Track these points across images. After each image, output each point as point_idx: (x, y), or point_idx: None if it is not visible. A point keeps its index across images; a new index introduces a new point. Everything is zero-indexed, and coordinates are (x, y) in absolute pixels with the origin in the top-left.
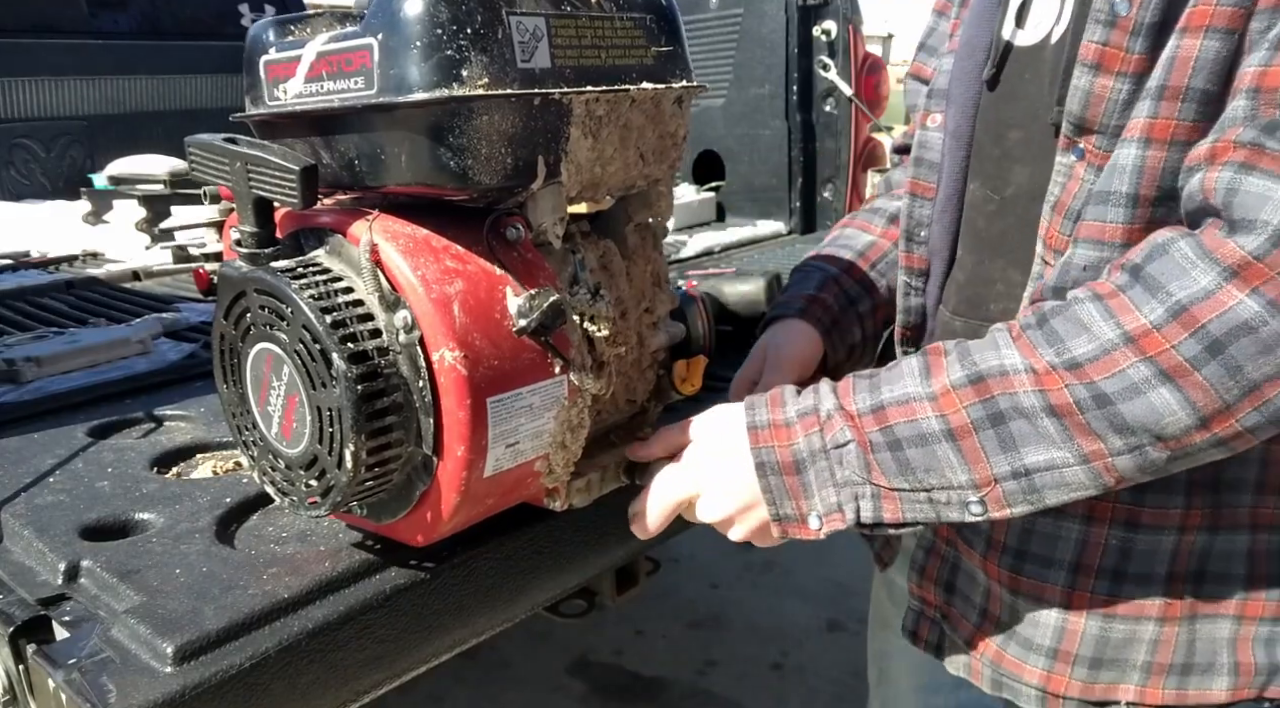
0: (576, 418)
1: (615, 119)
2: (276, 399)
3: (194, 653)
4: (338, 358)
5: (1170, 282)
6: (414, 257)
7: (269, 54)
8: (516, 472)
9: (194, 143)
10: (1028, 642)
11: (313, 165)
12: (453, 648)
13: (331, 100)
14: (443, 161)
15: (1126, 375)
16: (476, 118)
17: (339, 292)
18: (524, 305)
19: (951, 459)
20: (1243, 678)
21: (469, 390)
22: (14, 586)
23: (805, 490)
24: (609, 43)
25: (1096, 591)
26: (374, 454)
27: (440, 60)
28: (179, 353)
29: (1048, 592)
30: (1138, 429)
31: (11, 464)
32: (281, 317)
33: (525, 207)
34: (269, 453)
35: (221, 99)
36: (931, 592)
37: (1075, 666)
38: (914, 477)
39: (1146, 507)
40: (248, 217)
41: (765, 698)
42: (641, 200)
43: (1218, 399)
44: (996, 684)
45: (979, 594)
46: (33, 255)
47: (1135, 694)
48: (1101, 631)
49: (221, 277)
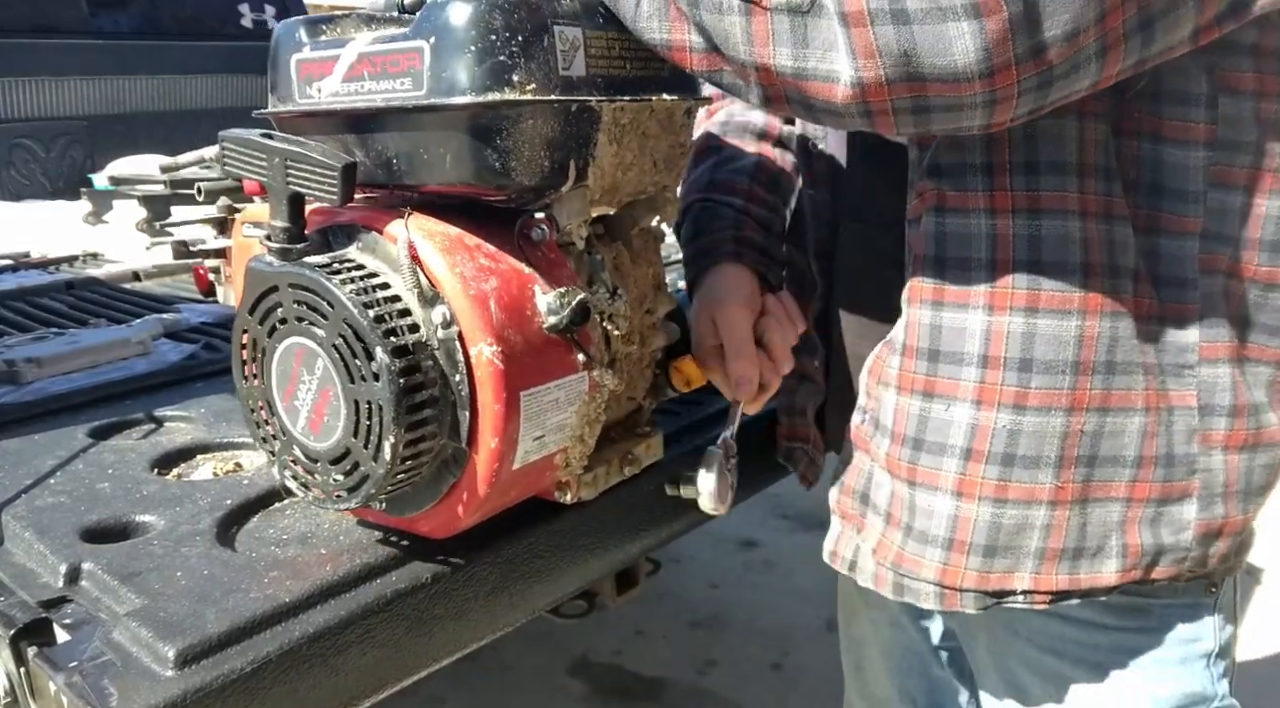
0: (595, 412)
1: (636, 128)
2: (306, 394)
3: (195, 656)
4: (380, 352)
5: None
6: (451, 255)
7: (302, 53)
8: (540, 464)
9: (228, 137)
10: (923, 535)
11: (353, 163)
12: (454, 651)
13: (374, 99)
14: (488, 162)
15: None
16: (523, 122)
17: (377, 288)
18: (554, 303)
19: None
20: (1130, 560)
21: (505, 384)
22: (15, 588)
23: None
24: (633, 55)
25: (987, 476)
26: (410, 447)
27: (493, 65)
28: (179, 354)
29: (941, 480)
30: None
31: (12, 466)
32: (319, 311)
33: (552, 208)
34: (292, 447)
35: (222, 99)
36: (849, 506)
37: (970, 555)
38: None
39: (1033, 389)
40: (281, 212)
41: (765, 698)
42: (648, 205)
43: None
44: (898, 588)
45: (884, 498)
46: (33, 255)
47: (1030, 582)
48: (994, 517)
49: (250, 272)
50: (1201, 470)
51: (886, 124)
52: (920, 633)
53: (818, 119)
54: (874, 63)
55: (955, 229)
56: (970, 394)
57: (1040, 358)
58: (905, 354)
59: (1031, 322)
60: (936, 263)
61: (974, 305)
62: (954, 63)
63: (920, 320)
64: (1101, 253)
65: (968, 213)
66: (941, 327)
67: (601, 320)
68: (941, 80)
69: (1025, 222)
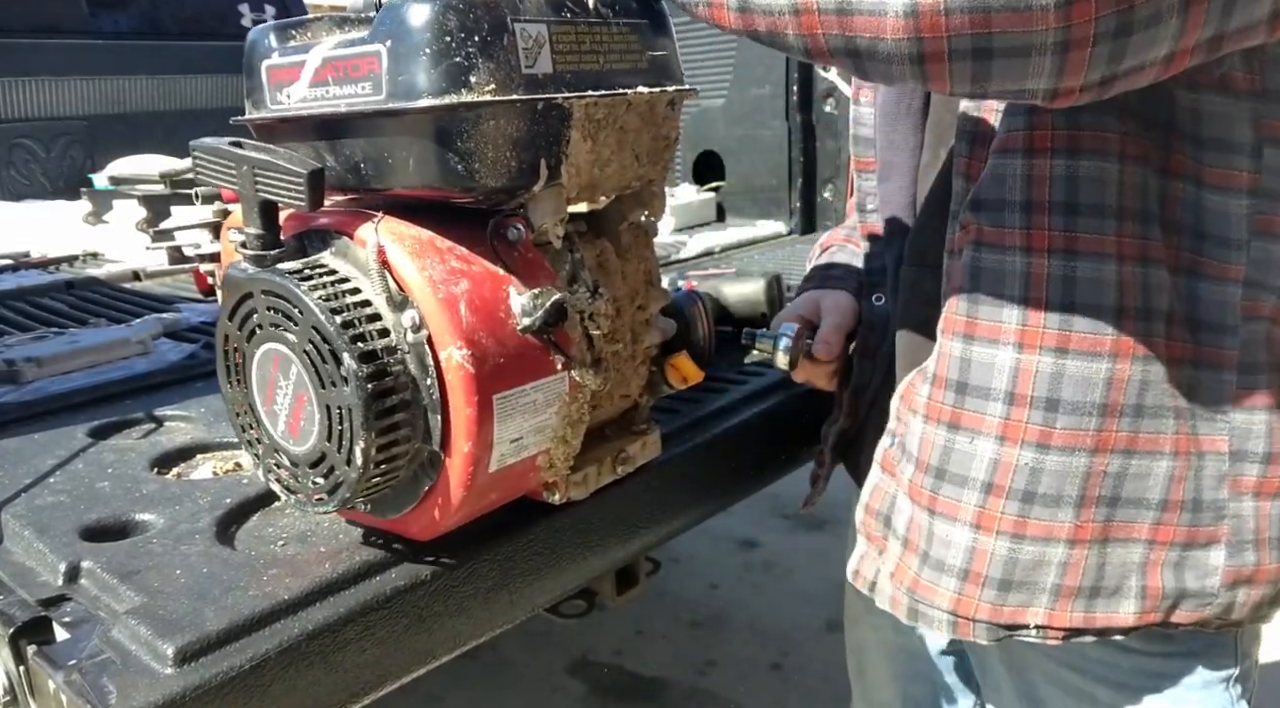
0: (577, 413)
1: (613, 122)
2: (283, 398)
3: (194, 654)
4: (348, 358)
5: None
6: (420, 258)
7: (271, 58)
8: (519, 466)
9: (198, 147)
10: (940, 564)
11: (320, 169)
12: (453, 649)
13: (338, 105)
14: (450, 165)
15: None
16: (484, 123)
17: (347, 293)
18: (528, 304)
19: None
20: (1149, 602)
21: (476, 388)
22: (14, 586)
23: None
24: (606, 48)
25: (1006, 512)
26: (383, 451)
27: (449, 67)
28: (179, 353)
29: (960, 512)
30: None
31: (12, 465)
32: (290, 318)
33: (526, 208)
34: (275, 452)
35: (221, 99)
36: (873, 527)
37: (984, 587)
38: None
39: (1058, 429)
40: (253, 219)
41: (765, 698)
42: (635, 200)
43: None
44: (913, 613)
45: (903, 523)
46: (33, 255)
47: (1043, 618)
48: (1010, 552)
49: (227, 279)
50: (1231, 516)
51: (940, 73)
52: (923, 639)
53: (864, 72)
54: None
55: (991, 265)
56: (995, 429)
57: (1067, 398)
58: (935, 384)
59: (1061, 362)
60: (970, 297)
61: (1004, 342)
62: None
63: (951, 352)
64: (1136, 297)
65: (1004, 250)
66: (971, 360)
67: (582, 320)
68: (1010, 8)
69: (1061, 262)
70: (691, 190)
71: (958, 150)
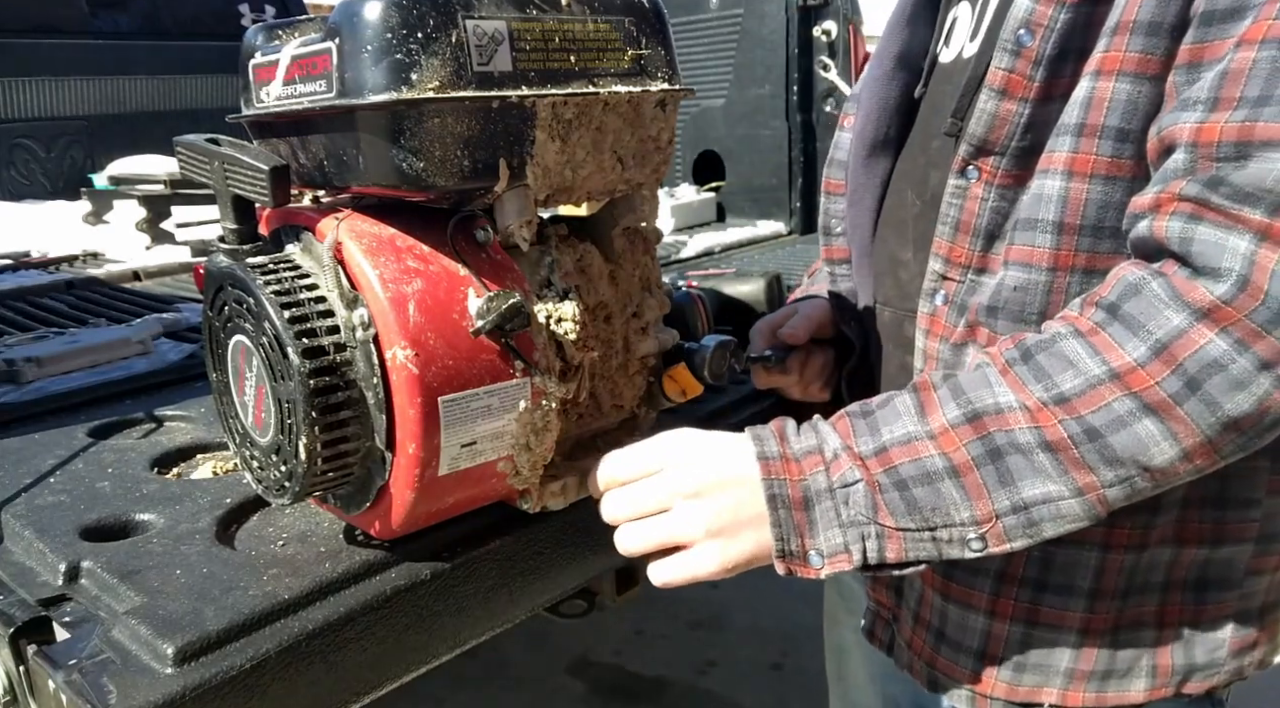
0: (541, 421)
1: (587, 122)
2: (250, 389)
3: (194, 654)
4: (292, 352)
5: (1149, 320)
6: (375, 255)
7: (255, 58)
8: (477, 472)
9: (181, 143)
10: (957, 644)
11: (284, 165)
12: (454, 649)
13: (302, 102)
14: (397, 163)
15: (1113, 409)
16: (428, 120)
17: (304, 288)
18: (482, 307)
19: (955, 496)
20: (1160, 678)
21: (420, 389)
22: (14, 586)
23: (811, 528)
24: (580, 45)
25: (1020, 599)
26: (328, 447)
27: (391, 64)
28: (179, 353)
29: (974, 599)
30: (1126, 461)
31: (12, 465)
32: (251, 311)
33: (492, 209)
34: (248, 441)
35: (221, 99)
36: (884, 595)
37: (1000, 668)
38: (920, 516)
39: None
40: (228, 213)
41: (765, 698)
42: (626, 205)
43: (1199, 433)
44: (933, 683)
45: (914, 598)
46: (33, 255)
47: (1058, 698)
48: (1024, 637)
49: (205, 271)
50: (1242, 593)
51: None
52: None
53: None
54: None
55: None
56: None
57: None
58: None
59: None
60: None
61: None
62: None
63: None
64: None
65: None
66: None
67: (549, 324)
68: None
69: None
70: (691, 190)
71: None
